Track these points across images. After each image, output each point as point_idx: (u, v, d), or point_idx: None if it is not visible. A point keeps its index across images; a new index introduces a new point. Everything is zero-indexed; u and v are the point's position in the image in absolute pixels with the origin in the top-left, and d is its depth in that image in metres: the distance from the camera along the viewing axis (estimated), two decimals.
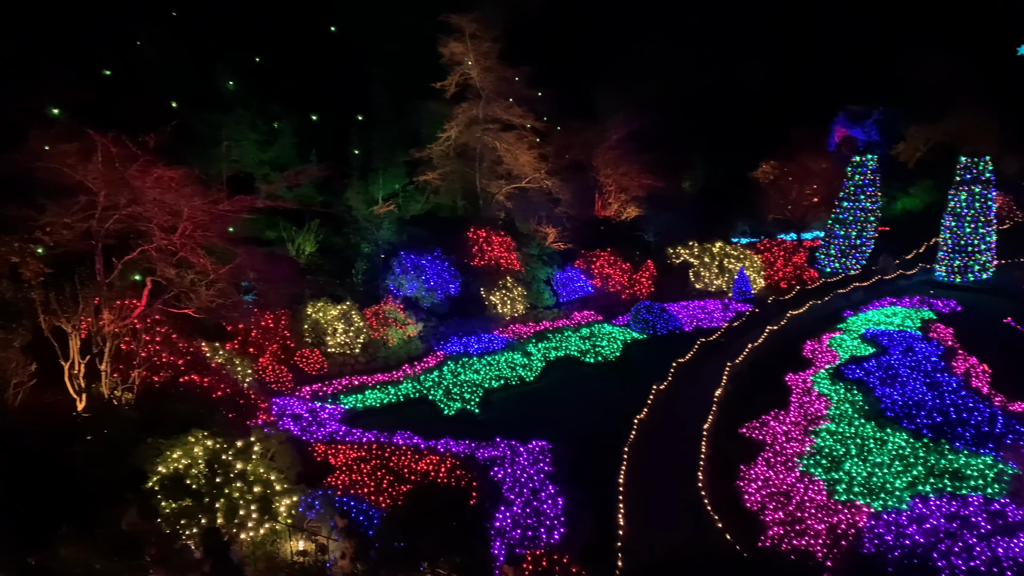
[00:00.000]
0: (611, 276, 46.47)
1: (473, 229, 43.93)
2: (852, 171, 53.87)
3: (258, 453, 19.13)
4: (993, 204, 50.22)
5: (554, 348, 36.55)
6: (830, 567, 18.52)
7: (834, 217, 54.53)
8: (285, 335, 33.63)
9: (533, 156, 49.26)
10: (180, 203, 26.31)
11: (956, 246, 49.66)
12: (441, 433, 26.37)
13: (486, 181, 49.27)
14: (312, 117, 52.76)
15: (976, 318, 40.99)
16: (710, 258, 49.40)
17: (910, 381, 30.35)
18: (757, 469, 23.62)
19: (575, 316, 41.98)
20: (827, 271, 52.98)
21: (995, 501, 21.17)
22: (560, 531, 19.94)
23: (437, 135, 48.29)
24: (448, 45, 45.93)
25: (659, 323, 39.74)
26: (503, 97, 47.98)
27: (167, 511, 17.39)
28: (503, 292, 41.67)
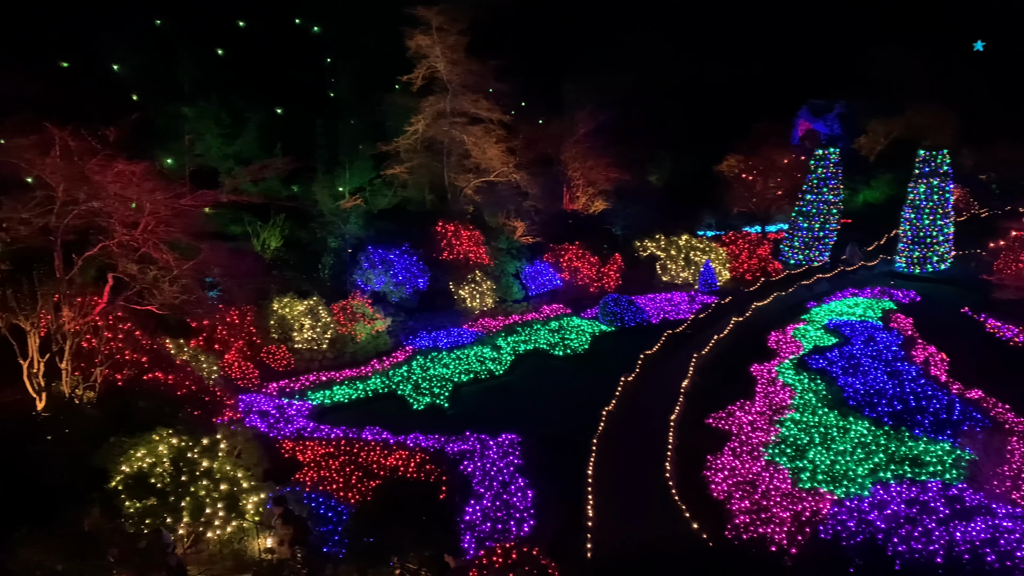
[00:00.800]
0: (579, 269, 46.68)
1: (441, 223, 43.79)
2: (815, 164, 54.68)
3: (224, 451, 18.94)
4: (951, 196, 51.33)
5: (523, 341, 36.63)
6: (793, 554, 18.85)
7: (798, 210, 55.32)
8: (251, 331, 33.25)
9: (501, 150, 49.25)
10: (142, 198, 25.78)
11: (915, 238, 50.70)
12: (410, 428, 26.31)
13: (454, 175, 49.15)
14: (277, 110, 52.16)
15: (935, 308, 41.92)
16: (676, 251, 49.86)
17: (871, 370, 30.94)
18: (724, 459, 23.92)
19: (544, 309, 42.09)
20: (791, 263, 53.77)
21: (953, 486, 21.69)
22: (530, 523, 20.02)
23: (404, 128, 48.01)
24: (414, 38, 45.66)
25: (627, 315, 40.03)
26: (471, 90, 47.86)
27: (131, 510, 17.13)
28: (472, 286, 41.63)
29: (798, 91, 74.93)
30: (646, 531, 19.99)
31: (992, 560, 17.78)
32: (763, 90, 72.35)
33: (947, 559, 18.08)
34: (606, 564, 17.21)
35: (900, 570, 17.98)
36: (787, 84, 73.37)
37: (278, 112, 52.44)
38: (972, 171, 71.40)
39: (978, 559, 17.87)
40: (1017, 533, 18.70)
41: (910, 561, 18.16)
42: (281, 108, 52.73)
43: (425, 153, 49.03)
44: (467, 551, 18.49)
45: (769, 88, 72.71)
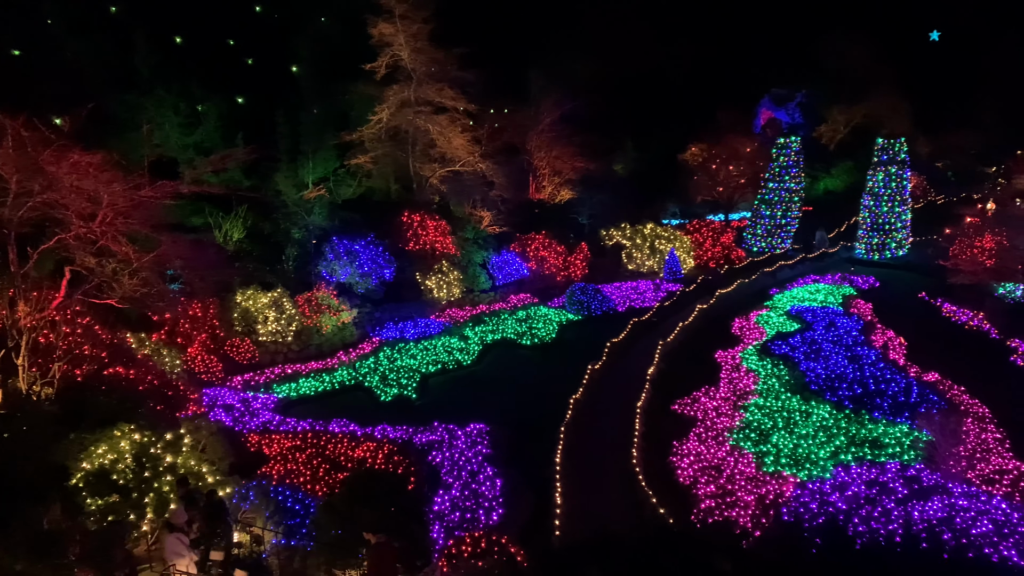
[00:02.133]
0: (546, 259, 46.78)
1: (407, 213, 43.54)
2: (777, 153, 55.41)
3: (188, 445, 18.68)
4: (908, 184, 52.41)
5: (491, 331, 36.65)
6: (757, 536, 19.17)
7: (760, 198, 56.04)
8: (214, 324, 32.79)
9: (466, 139, 49.06)
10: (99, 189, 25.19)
11: (874, 224, 51.72)
12: (378, 419, 26.23)
13: (419, 164, 48.83)
14: (238, 99, 51.29)
15: (893, 293, 42.88)
16: (642, 239, 50.22)
17: (833, 355, 31.54)
18: (689, 444, 24.25)
19: (511, 299, 42.15)
20: (754, 250, 54.52)
21: (911, 467, 22.23)
22: (499, 512, 20.11)
23: (368, 118, 47.53)
24: (377, 26, 45.15)
25: (594, 304, 40.25)
26: (435, 79, 47.52)
27: (93, 508, 16.82)
28: (439, 276, 41.50)
29: (760, 80, 75.74)
30: (614, 517, 20.22)
31: (948, 538, 18.27)
32: (726, 79, 73.05)
33: (905, 538, 18.55)
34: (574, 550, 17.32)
35: (860, 550, 18.39)
36: (750, 73, 74.16)
37: (239, 101, 51.56)
38: (928, 159, 73.04)
39: (935, 537, 18.37)
40: (972, 511, 19.25)
41: (870, 541, 18.59)
42: (242, 97, 51.86)
43: (390, 143, 48.62)
44: (436, 541, 18.51)
45: (732, 77, 73.44)
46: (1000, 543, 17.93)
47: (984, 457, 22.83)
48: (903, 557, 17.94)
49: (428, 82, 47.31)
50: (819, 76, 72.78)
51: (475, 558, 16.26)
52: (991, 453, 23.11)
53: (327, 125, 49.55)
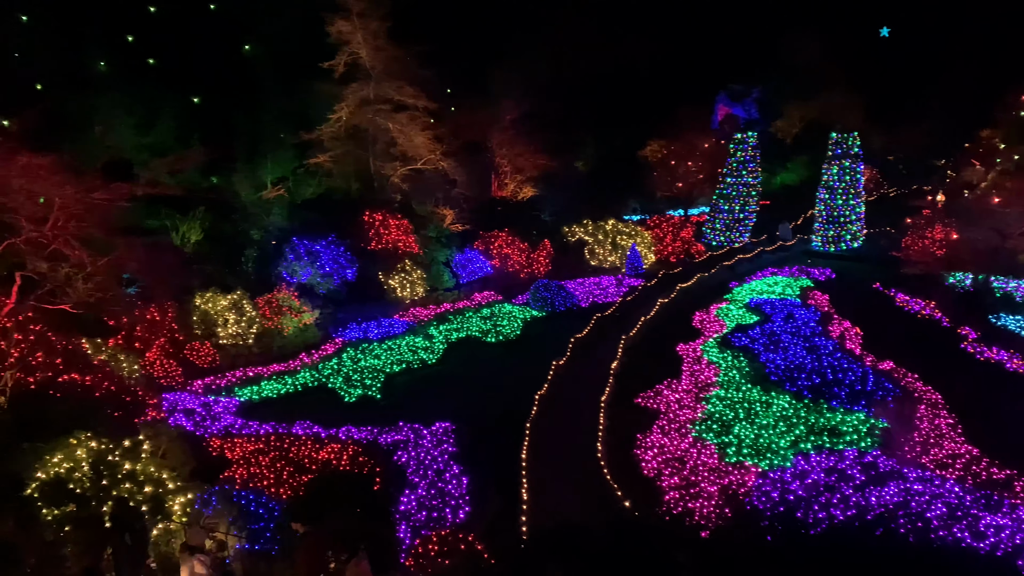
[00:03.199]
0: (510, 256, 46.86)
1: (369, 212, 43.25)
2: (734, 148, 56.20)
3: (148, 451, 18.38)
4: (861, 177, 53.55)
5: (456, 330, 36.61)
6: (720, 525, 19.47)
7: (718, 193, 56.80)
8: (173, 328, 32.24)
9: (428, 137, 48.87)
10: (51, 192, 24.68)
11: (830, 217, 52.76)
12: (342, 421, 26.01)
13: (380, 163, 48.53)
14: (193, 99, 50.45)
15: (849, 284, 43.79)
16: (604, 235, 50.57)
17: (791, 346, 32.12)
18: (653, 437, 24.52)
19: (476, 297, 42.13)
20: (713, 244, 55.25)
21: (868, 454, 22.79)
22: (465, 510, 20.13)
23: (327, 116, 47.10)
24: (335, 24, 44.74)
25: (557, 300, 40.44)
26: (395, 77, 47.24)
27: (49, 518, 16.47)
28: (402, 276, 41.32)
29: (717, 76, 76.77)
30: (580, 511, 20.36)
31: (904, 521, 18.80)
32: (684, 76, 73.87)
33: (863, 522, 19.03)
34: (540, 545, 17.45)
35: (817, 535, 18.82)
36: (707, 69, 75.09)
37: (195, 101, 50.73)
38: (881, 152, 74.60)
39: (892, 520, 18.88)
40: (926, 495, 19.83)
41: (829, 527, 19.03)
42: (198, 97, 51.02)
43: (350, 141, 48.24)
44: (403, 541, 18.48)
45: (690, 74, 74.29)
46: (953, 525, 18.50)
47: (937, 442, 23.47)
48: (860, 542, 18.40)
49: (388, 80, 47.03)
50: (774, 72, 74.01)
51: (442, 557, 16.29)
52: (944, 438, 23.76)
53: (285, 124, 49.02)
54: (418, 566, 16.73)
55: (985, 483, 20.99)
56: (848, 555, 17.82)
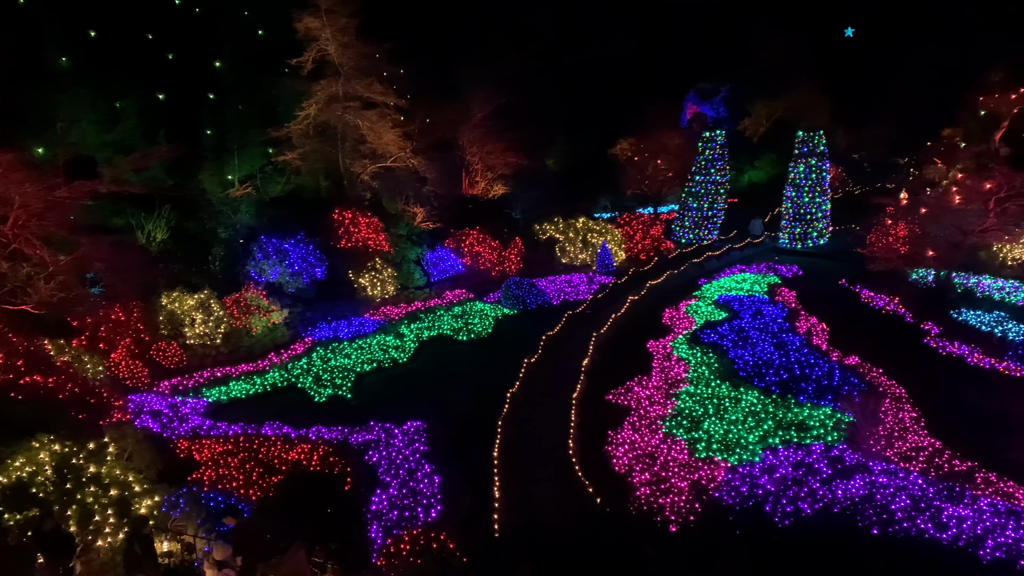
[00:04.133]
0: (481, 254, 46.82)
1: (338, 210, 42.92)
2: (703, 146, 56.72)
3: (113, 454, 18.06)
4: (827, 175, 54.38)
5: (427, 328, 36.50)
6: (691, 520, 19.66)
7: (687, 190, 57.30)
8: (139, 328, 31.73)
9: (397, 134, 48.58)
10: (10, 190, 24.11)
11: (797, 215, 53.51)
12: (312, 421, 25.82)
13: (349, 160, 48.15)
14: (159, 95, 49.60)
15: (815, 281, 44.49)
16: (574, 233, 50.74)
17: (759, 342, 32.55)
18: (624, 433, 24.67)
19: (447, 295, 42.04)
20: (683, 242, 55.75)
21: (834, 448, 23.18)
22: (437, 509, 20.07)
23: (296, 113, 46.58)
24: (303, 20, 44.23)
25: (529, 298, 40.51)
26: (364, 74, 46.88)
27: (11, 523, 16.12)
28: (372, 274, 41.08)
29: (686, 75, 77.40)
30: (551, 508, 20.43)
31: (870, 513, 19.15)
32: (653, 74, 74.40)
33: (829, 515, 19.34)
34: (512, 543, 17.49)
35: (787, 528, 19.09)
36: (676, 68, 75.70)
37: (160, 97, 49.88)
38: (846, 151, 75.88)
39: (857, 513, 19.21)
40: (891, 488, 20.21)
41: (796, 520, 19.32)
42: (164, 93, 50.16)
43: (318, 138, 47.78)
44: (375, 541, 18.38)
45: (659, 72, 74.83)
46: (917, 517, 18.89)
47: (901, 435, 23.94)
48: (826, 535, 18.70)
49: (357, 77, 46.67)
50: (742, 71, 74.83)
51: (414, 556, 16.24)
52: (908, 431, 24.25)
53: (253, 121, 48.38)
54: (389, 566, 16.66)
55: (947, 475, 21.46)
56: (814, 548, 18.11)
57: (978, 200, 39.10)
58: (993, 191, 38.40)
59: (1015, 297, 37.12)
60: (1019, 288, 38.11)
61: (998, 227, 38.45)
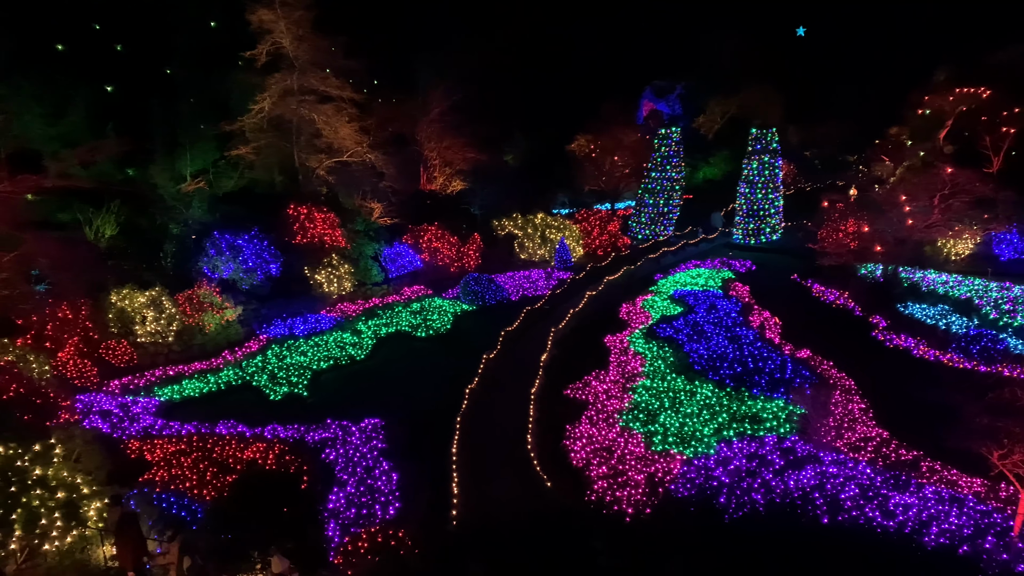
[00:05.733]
0: (439, 250, 46.65)
1: (293, 206, 42.34)
2: (658, 143, 57.28)
3: (60, 455, 17.58)
4: (780, 172, 55.37)
5: (385, 325, 36.26)
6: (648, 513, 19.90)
7: (643, 187, 57.83)
8: (87, 326, 30.93)
9: (354, 129, 48.11)
10: None
11: (750, 211, 54.39)
12: (268, 419, 25.51)
13: (305, 155, 47.52)
14: (107, 88, 48.35)
15: (768, 276, 45.29)
16: (533, 229, 50.86)
17: (714, 336, 33.05)
18: (582, 428, 24.86)
19: (405, 291, 41.81)
20: (639, 238, 56.26)
21: (787, 439, 23.68)
22: (395, 506, 20.00)
23: (249, 107, 45.80)
24: (256, 12, 43.48)
25: (488, 294, 40.50)
26: (319, 67, 46.30)
27: None
28: (329, 270, 40.64)
29: (642, 72, 78.05)
30: (510, 503, 20.50)
31: (820, 503, 19.61)
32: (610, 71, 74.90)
33: (782, 505, 19.76)
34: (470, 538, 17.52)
35: (740, 519, 19.44)
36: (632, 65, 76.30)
37: (108, 90, 48.62)
38: (798, 148, 77.33)
39: (809, 503, 19.66)
40: (840, 477, 20.74)
41: (751, 510, 19.69)
42: (112, 85, 48.91)
43: (273, 132, 47.07)
44: (332, 539, 18.24)
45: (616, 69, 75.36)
46: (865, 505, 19.41)
47: (851, 426, 24.55)
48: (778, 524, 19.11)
49: (312, 70, 46.05)
50: (697, 69, 75.77)
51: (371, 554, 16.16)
52: (857, 422, 24.87)
53: (206, 115, 47.47)
54: (347, 564, 16.55)
55: (894, 464, 22.09)
56: (765, 537, 18.47)
57: (924, 196, 40.24)
58: (938, 187, 39.56)
59: (958, 291, 38.30)
60: (962, 282, 39.34)
61: (942, 223, 39.64)
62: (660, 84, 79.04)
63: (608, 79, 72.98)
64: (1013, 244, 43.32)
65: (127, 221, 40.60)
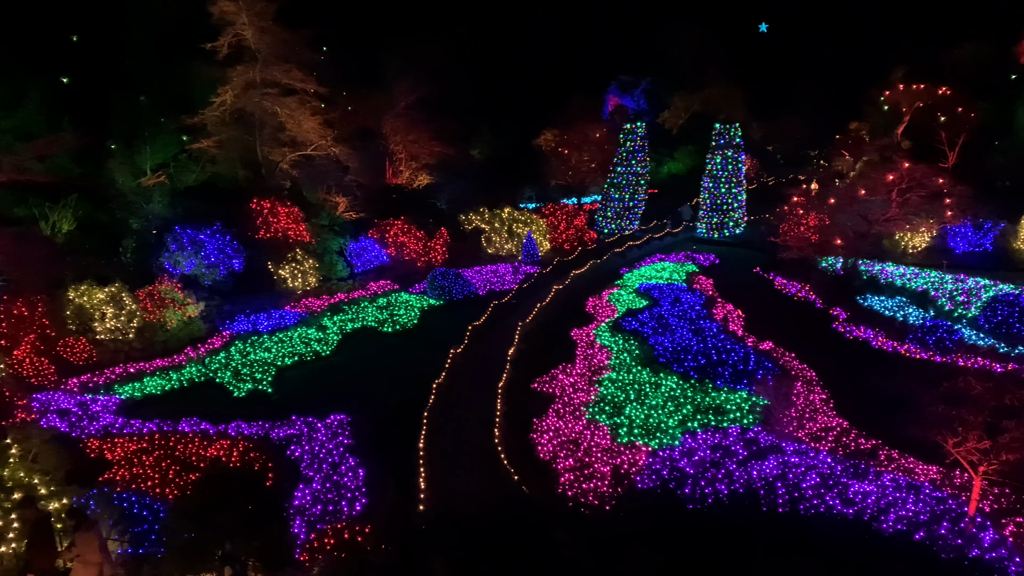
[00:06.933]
0: (406, 244, 46.43)
1: (256, 200, 41.80)
2: (624, 138, 57.60)
3: (16, 455, 17.21)
4: (743, 166, 56.05)
5: (350, 320, 36.01)
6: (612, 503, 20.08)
7: (609, 181, 58.15)
8: (44, 323, 30.25)
9: (318, 122, 47.57)
10: None
11: (714, 205, 54.99)
12: (232, 416, 25.24)
13: (268, 149, 46.90)
14: (63, 80, 47.20)
15: (731, 269, 45.89)
16: (500, 223, 50.87)
17: (679, 329, 33.40)
18: (549, 421, 24.98)
19: (371, 286, 41.54)
20: (605, 232, 56.58)
21: (750, 430, 24.05)
22: (362, 502, 19.94)
23: (211, 100, 45.03)
24: (218, 3, 42.74)
25: (455, 289, 40.44)
26: (282, 60, 45.64)
27: None
28: (293, 265, 40.22)
29: (608, 67, 78.37)
30: (477, 497, 20.54)
31: (783, 491, 19.97)
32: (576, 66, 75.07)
33: (745, 495, 20.08)
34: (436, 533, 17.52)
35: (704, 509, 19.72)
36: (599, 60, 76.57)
37: (64, 81, 47.46)
38: (760, 143, 78.26)
39: (771, 492, 20.00)
40: (802, 467, 21.13)
41: (714, 501, 19.98)
42: (68, 77, 47.74)
43: (235, 126, 46.35)
44: (298, 536, 18.11)
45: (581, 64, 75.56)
46: (826, 494, 19.81)
47: (812, 416, 25.04)
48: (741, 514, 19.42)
49: (275, 63, 45.41)
50: (662, 64, 76.30)
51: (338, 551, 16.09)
52: (818, 413, 25.37)
53: (166, 108, 46.59)
54: (313, 560, 16.46)
55: (854, 453, 22.59)
56: (727, 527, 18.73)
57: (882, 191, 41.02)
58: (896, 182, 40.37)
59: (915, 283, 39.20)
60: (919, 275, 40.27)
61: (900, 216, 40.45)
62: (625, 79, 79.45)
63: (574, 74, 73.16)
64: (967, 237, 44.45)
65: (85, 216, 39.75)
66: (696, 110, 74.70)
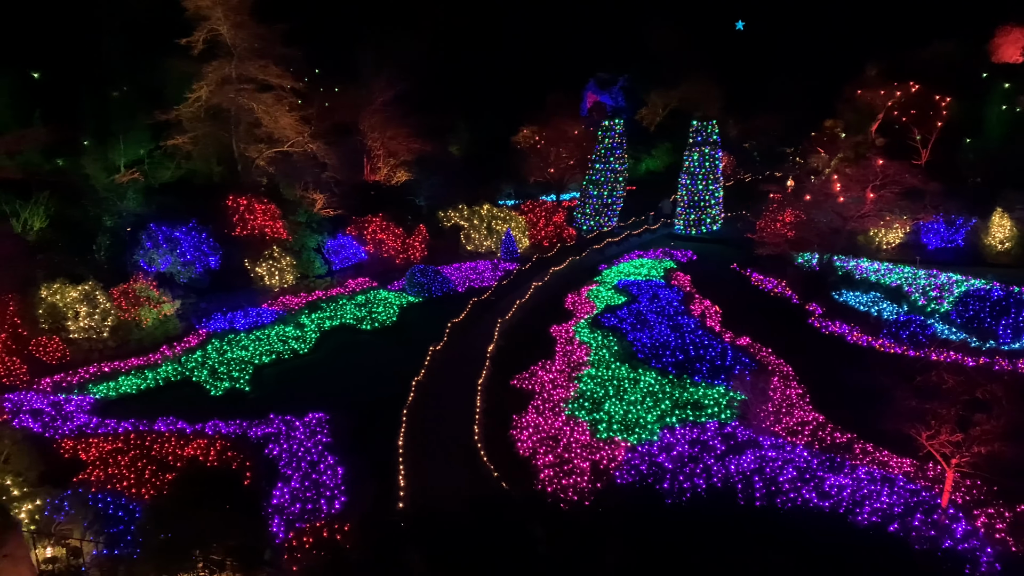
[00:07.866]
0: (384, 241, 46.23)
1: (233, 197, 41.40)
2: (602, 135, 57.74)
3: None
4: (720, 163, 56.41)
5: (329, 318, 35.80)
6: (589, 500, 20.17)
7: (588, 178, 58.29)
8: (15, 322, 29.79)
9: (295, 118, 47.24)
10: None
11: (691, 202, 55.30)
12: (209, 415, 25.00)
13: (244, 145, 46.47)
14: (33, 74, 46.46)
15: (709, 265, 46.18)
16: (479, 220, 50.80)
17: (657, 325, 33.56)
18: (528, 417, 25.01)
19: (350, 284, 41.32)
20: (584, 229, 56.71)
21: (728, 425, 24.25)
22: (341, 500, 19.85)
23: (186, 95, 44.55)
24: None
25: (434, 286, 40.34)
26: (258, 55, 45.26)
27: None
28: (270, 263, 39.91)
29: (586, 64, 78.52)
30: (457, 494, 20.50)
31: (760, 485, 20.16)
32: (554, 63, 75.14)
33: (723, 489, 20.25)
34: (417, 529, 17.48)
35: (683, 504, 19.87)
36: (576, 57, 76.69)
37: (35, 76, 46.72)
38: (737, 140, 78.75)
39: (749, 487, 20.19)
40: (779, 460, 21.34)
41: (692, 496, 20.13)
42: (38, 72, 47.00)
43: (211, 122, 45.89)
44: (277, 535, 18.00)
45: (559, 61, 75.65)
46: (802, 487, 20.03)
47: (788, 411, 25.28)
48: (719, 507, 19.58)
49: (251, 58, 45.02)
50: (640, 61, 76.55)
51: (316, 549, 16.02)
52: (794, 407, 25.63)
53: (140, 103, 45.99)
54: (292, 559, 16.37)
55: (830, 447, 22.86)
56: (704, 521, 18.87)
57: (856, 188, 41.49)
58: (870, 179, 40.85)
59: (889, 279, 39.71)
60: (892, 270, 40.79)
61: (874, 212, 40.96)
62: (603, 76, 79.65)
63: (552, 71, 73.22)
64: (940, 233, 45.08)
65: (57, 213, 39.16)
66: (674, 107, 75.07)
